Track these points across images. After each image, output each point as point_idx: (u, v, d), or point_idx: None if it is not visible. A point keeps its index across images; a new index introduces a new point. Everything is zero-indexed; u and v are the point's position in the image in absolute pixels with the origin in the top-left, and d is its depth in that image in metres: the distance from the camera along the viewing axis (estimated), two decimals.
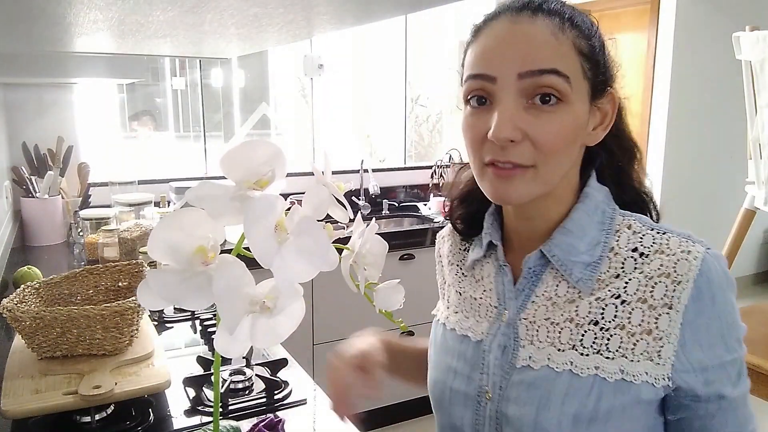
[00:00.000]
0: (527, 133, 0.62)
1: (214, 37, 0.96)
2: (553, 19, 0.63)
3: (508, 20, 0.64)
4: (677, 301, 0.61)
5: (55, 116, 2.43)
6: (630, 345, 0.63)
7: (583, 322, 0.65)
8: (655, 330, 0.62)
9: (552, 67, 0.61)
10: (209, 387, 1.08)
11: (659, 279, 0.63)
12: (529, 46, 0.62)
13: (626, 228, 0.68)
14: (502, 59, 0.62)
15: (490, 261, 0.76)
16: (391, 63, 3.41)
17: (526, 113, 0.62)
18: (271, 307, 0.42)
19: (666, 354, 0.62)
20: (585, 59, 0.64)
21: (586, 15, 0.67)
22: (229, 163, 0.42)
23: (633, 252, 0.66)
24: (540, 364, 0.66)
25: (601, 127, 0.68)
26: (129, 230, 1.74)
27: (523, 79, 0.61)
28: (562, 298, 0.67)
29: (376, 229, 0.52)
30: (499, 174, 0.64)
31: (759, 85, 2.16)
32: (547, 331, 0.67)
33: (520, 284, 0.71)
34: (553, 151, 0.63)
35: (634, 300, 0.63)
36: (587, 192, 0.70)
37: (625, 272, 0.65)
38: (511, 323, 0.71)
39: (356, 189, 3.03)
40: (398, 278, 0.54)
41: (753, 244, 4.24)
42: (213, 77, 3.18)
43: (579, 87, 0.63)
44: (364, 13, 0.79)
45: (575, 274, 0.67)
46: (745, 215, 2.40)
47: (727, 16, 3.48)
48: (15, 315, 0.95)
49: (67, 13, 0.70)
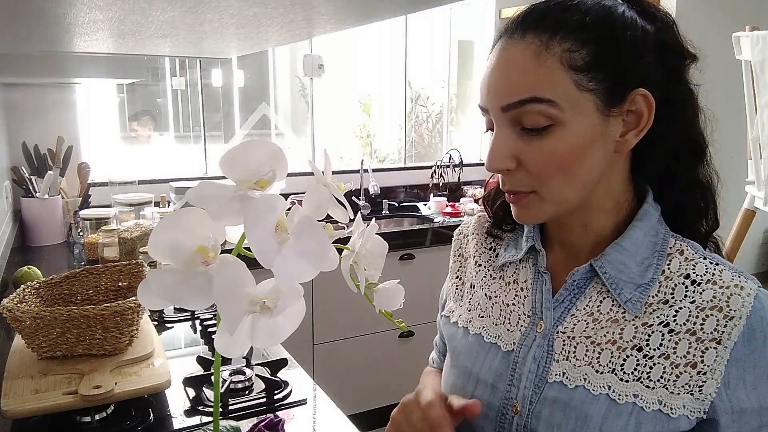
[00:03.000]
0: (521, 161, 0.62)
1: (214, 37, 0.96)
2: (541, 36, 0.60)
3: (501, 45, 0.63)
4: (727, 338, 0.59)
5: (55, 116, 2.43)
6: (672, 376, 0.61)
7: (627, 346, 0.63)
8: (700, 364, 0.60)
9: (530, 95, 0.59)
10: (209, 387, 1.08)
11: (711, 312, 0.60)
12: (509, 76, 0.61)
13: (678, 253, 0.65)
14: (489, 93, 0.63)
15: (528, 266, 0.73)
16: (391, 63, 3.41)
17: (519, 140, 0.62)
18: (271, 307, 0.42)
19: (708, 390, 0.60)
20: (579, 72, 0.59)
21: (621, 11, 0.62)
22: (229, 163, 0.42)
23: (685, 279, 0.63)
24: (575, 383, 0.64)
25: (634, 132, 0.63)
26: (129, 230, 1.74)
27: (507, 111, 0.62)
28: (604, 316, 0.65)
29: (376, 229, 0.52)
30: (510, 200, 0.66)
31: (759, 85, 2.16)
32: (586, 350, 0.64)
33: (560, 295, 0.69)
34: (549, 175, 0.62)
35: (682, 330, 0.61)
36: (646, 210, 0.67)
37: (675, 299, 0.63)
38: (546, 335, 0.68)
39: (356, 189, 3.03)
40: (398, 278, 0.54)
41: (753, 244, 4.24)
42: (213, 77, 3.18)
43: (574, 104, 0.60)
44: (364, 13, 0.79)
45: (625, 294, 0.64)
46: (745, 215, 2.39)
47: (727, 16, 3.48)
48: (15, 315, 0.95)
49: (67, 13, 0.70)
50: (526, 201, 0.64)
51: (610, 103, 0.61)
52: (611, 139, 0.63)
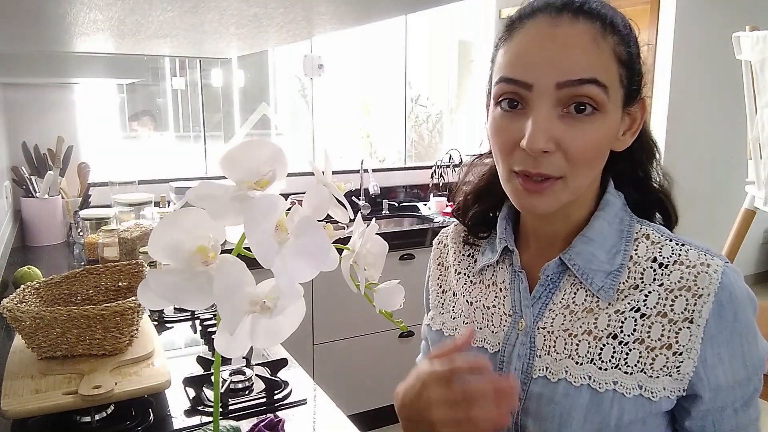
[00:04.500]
0: (560, 143, 0.60)
1: (214, 37, 0.96)
2: (594, 23, 0.60)
3: (546, 22, 0.60)
4: (698, 315, 0.60)
5: (55, 116, 2.43)
6: (649, 360, 0.62)
7: (602, 335, 0.64)
8: (675, 345, 0.61)
9: (592, 76, 0.59)
10: (209, 387, 1.08)
11: (680, 292, 0.62)
12: (570, 53, 0.59)
13: (644, 237, 0.67)
14: (540, 66, 0.59)
15: (505, 266, 0.74)
16: (391, 63, 3.41)
17: (560, 122, 0.60)
18: (271, 307, 0.42)
19: (685, 369, 0.61)
20: (623, 67, 0.62)
21: (624, 17, 0.64)
22: (229, 163, 0.42)
23: (653, 262, 0.64)
24: (557, 377, 0.65)
25: (630, 132, 0.67)
26: (129, 230, 1.74)
27: (562, 89, 0.59)
28: (579, 307, 0.66)
29: (376, 229, 0.52)
30: (527, 187, 0.62)
31: (759, 85, 2.16)
32: (565, 343, 0.66)
33: (537, 291, 0.70)
34: (584, 161, 0.61)
35: (653, 314, 0.62)
36: (608, 199, 0.68)
37: (645, 283, 0.64)
38: (528, 332, 0.69)
39: (356, 189, 3.02)
40: (398, 278, 0.54)
41: (753, 244, 4.24)
42: (213, 77, 3.18)
43: (615, 95, 0.61)
44: (364, 13, 0.79)
45: (596, 283, 0.65)
46: (745, 215, 2.40)
47: (727, 16, 3.48)
48: (15, 315, 0.95)
49: (67, 13, 0.70)
50: (550, 189, 0.62)
51: (629, 102, 0.64)
52: (617, 136, 0.65)
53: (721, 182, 3.75)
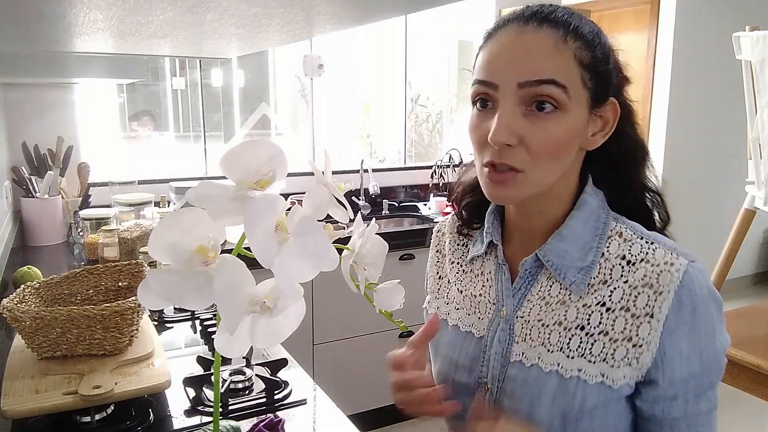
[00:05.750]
0: (523, 138, 0.65)
1: (214, 37, 0.96)
2: (557, 31, 0.66)
3: (514, 30, 0.67)
4: (658, 311, 0.64)
5: (55, 116, 2.43)
6: (611, 350, 0.66)
7: (571, 326, 0.69)
8: (635, 338, 0.65)
9: (550, 77, 0.64)
10: (209, 387, 1.08)
11: (642, 289, 0.66)
12: (530, 56, 0.65)
13: (617, 235, 0.71)
14: (504, 68, 0.66)
15: (491, 258, 0.80)
16: (391, 63, 3.41)
17: (524, 119, 0.66)
18: (271, 307, 0.42)
19: (644, 360, 0.65)
20: (585, 69, 0.66)
21: (593, 24, 0.70)
22: (229, 163, 0.42)
23: (621, 260, 0.69)
24: (531, 362, 0.71)
25: (601, 134, 0.71)
26: (129, 230, 1.74)
27: (523, 88, 0.65)
28: (554, 299, 0.71)
29: (376, 229, 0.52)
30: (492, 178, 0.68)
31: (759, 85, 2.16)
32: (539, 332, 0.71)
33: (517, 283, 0.75)
34: (544, 157, 0.66)
35: (617, 308, 0.67)
36: (583, 199, 0.73)
37: (613, 279, 0.68)
38: (508, 320, 0.74)
39: (356, 189, 3.02)
40: (398, 278, 0.54)
41: (753, 244, 4.24)
42: (213, 77, 3.18)
43: (577, 96, 0.66)
44: (363, 13, 0.79)
45: (569, 278, 0.70)
46: (745, 215, 2.40)
47: (727, 16, 3.48)
48: (15, 315, 0.95)
49: (67, 13, 0.70)
50: (512, 180, 0.67)
51: (596, 104, 0.69)
52: (585, 136, 0.70)
53: (721, 182, 3.75)
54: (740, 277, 4.18)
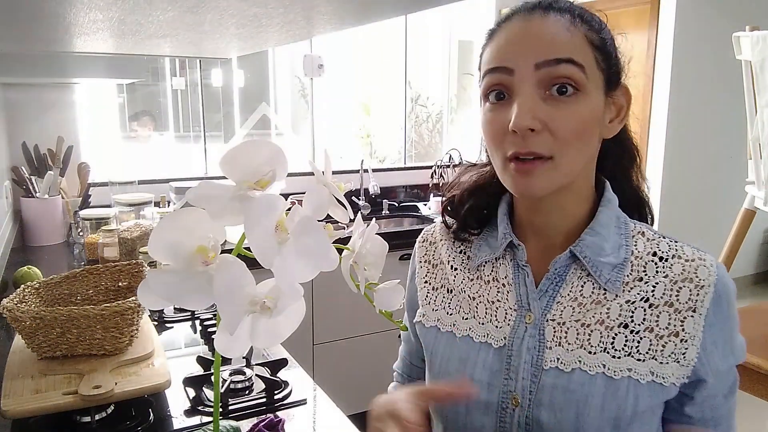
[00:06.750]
0: (546, 124, 0.63)
1: (214, 37, 0.96)
2: (563, 15, 0.65)
3: (520, 20, 0.66)
4: (701, 305, 0.65)
5: (55, 116, 2.43)
6: (659, 347, 0.65)
7: (614, 324, 0.66)
8: (681, 332, 0.65)
9: (567, 56, 0.63)
10: (209, 387, 1.08)
11: (683, 283, 0.66)
12: (544, 37, 0.64)
13: (640, 235, 0.71)
14: (519, 52, 0.64)
15: (506, 262, 0.75)
16: (391, 63, 3.41)
17: (544, 104, 0.63)
18: (271, 307, 0.42)
19: (690, 356, 0.65)
20: (597, 51, 0.65)
21: (594, 13, 0.70)
22: (229, 163, 0.42)
23: (653, 256, 0.68)
24: (571, 367, 0.66)
25: (617, 120, 0.70)
26: (129, 230, 1.74)
27: (540, 69, 0.63)
28: (587, 299, 0.68)
29: (376, 229, 0.52)
30: (520, 169, 0.64)
31: (759, 85, 2.16)
32: (577, 333, 0.67)
33: (543, 285, 0.71)
34: (571, 141, 0.64)
35: (661, 303, 0.66)
36: (608, 197, 0.72)
37: (649, 275, 0.68)
38: (537, 325, 0.69)
39: (356, 189, 3.02)
40: (398, 278, 0.54)
41: (753, 244, 4.24)
42: (213, 77, 3.18)
43: (594, 77, 0.65)
44: (364, 13, 0.79)
45: (604, 275, 0.68)
46: (745, 215, 2.40)
47: (727, 16, 3.48)
48: (15, 315, 0.95)
49: (67, 13, 0.70)
50: (541, 169, 0.64)
51: (610, 87, 0.68)
52: (604, 123, 0.68)
53: (721, 182, 3.75)
54: (740, 277, 4.18)
